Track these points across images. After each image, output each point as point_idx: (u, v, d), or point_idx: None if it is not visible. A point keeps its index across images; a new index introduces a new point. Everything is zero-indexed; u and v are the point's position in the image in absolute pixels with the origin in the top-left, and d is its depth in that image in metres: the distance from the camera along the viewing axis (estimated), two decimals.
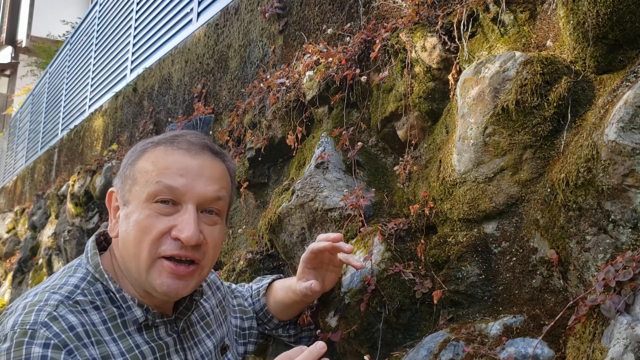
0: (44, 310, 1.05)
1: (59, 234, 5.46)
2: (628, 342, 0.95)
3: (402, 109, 1.75)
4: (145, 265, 1.13)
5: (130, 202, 1.16)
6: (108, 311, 1.13)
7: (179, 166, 1.14)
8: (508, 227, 1.41)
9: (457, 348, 1.24)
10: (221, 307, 1.44)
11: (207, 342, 1.32)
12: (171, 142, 1.18)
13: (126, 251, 1.15)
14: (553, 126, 1.34)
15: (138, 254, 1.13)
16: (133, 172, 1.17)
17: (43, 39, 13.65)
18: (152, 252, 1.12)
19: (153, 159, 1.16)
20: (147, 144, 1.20)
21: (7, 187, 9.93)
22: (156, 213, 1.12)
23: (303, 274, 1.49)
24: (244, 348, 1.53)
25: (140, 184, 1.15)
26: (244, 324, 1.55)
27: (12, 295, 7.00)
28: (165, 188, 1.12)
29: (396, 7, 1.98)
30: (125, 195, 1.17)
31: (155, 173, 1.13)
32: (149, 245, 1.12)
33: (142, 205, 1.13)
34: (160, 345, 1.18)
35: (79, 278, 1.15)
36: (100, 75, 6.00)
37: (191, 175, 1.14)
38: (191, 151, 1.17)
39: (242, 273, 2.10)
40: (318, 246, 1.45)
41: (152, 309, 1.18)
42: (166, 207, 1.13)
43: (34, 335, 1.01)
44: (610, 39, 1.25)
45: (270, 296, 1.60)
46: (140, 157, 1.18)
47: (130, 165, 1.19)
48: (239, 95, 3.01)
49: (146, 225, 1.12)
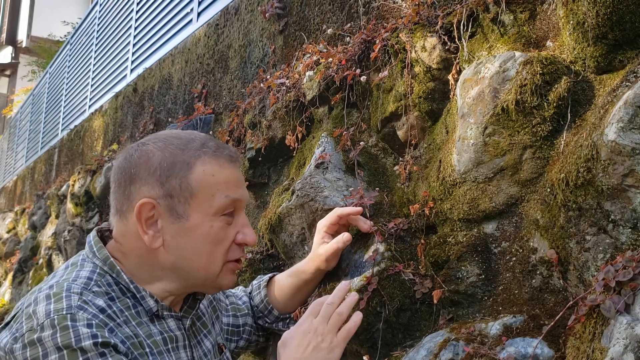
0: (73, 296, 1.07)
1: (59, 234, 5.46)
2: (628, 342, 0.95)
3: (402, 109, 1.76)
4: (218, 271, 1.21)
5: (190, 214, 1.17)
6: (122, 302, 1.15)
7: (235, 179, 1.22)
8: (508, 227, 1.42)
9: (457, 348, 1.24)
10: (212, 307, 1.46)
11: (205, 342, 1.33)
12: (216, 154, 1.21)
13: (189, 262, 1.19)
14: (553, 126, 1.34)
15: (211, 262, 1.20)
16: (188, 185, 1.17)
17: (43, 39, 13.65)
18: (224, 259, 1.22)
19: (210, 171, 1.18)
20: (188, 156, 1.19)
21: (7, 187, 9.93)
22: (225, 224, 1.20)
23: (324, 239, 1.57)
24: (235, 344, 1.55)
25: (203, 197, 1.18)
26: (238, 321, 1.56)
27: (12, 295, 7.01)
28: (232, 202, 1.20)
29: (396, 7, 1.98)
30: (179, 208, 1.17)
31: (221, 187, 1.19)
32: (222, 254, 1.21)
33: (212, 218, 1.19)
34: (172, 337, 1.21)
35: (89, 271, 1.16)
36: (100, 75, 6.00)
37: (242, 185, 1.25)
38: (235, 162, 1.25)
39: (242, 273, 2.10)
40: (345, 210, 1.56)
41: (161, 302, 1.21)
42: (230, 218, 1.21)
43: (74, 318, 1.02)
44: (610, 39, 1.25)
45: (274, 287, 1.61)
46: (192, 170, 1.18)
47: (178, 177, 1.17)
48: (239, 95, 3.01)
49: (220, 238, 1.20)
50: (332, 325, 1.20)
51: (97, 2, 6.48)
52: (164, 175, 1.17)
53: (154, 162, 1.17)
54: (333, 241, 1.54)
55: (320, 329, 1.19)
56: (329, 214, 1.58)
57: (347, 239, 1.53)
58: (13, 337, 1.02)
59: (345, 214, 1.55)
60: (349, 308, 1.22)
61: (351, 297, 1.24)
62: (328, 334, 1.19)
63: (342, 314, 1.21)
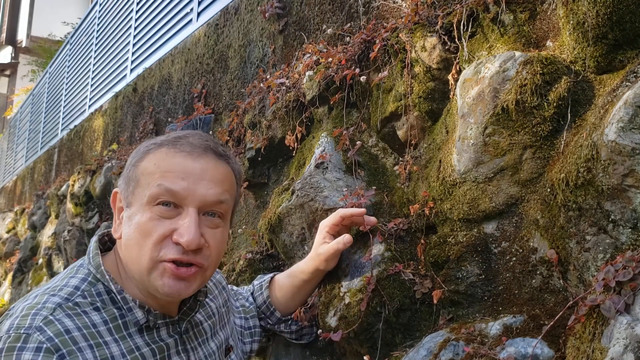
0: (41, 313, 1.05)
1: (59, 234, 5.46)
2: (628, 342, 0.95)
3: (402, 109, 1.76)
4: (147, 267, 1.13)
5: (133, 204, 1.15)
6: (109, 312, 1.13)
7: (180, 169, 1.13)
8: (508, 227, 1.42)
9: (457, 348, 1.24)
10: (226, 308, 1.44)
11: (210, 343, 1.31)
12: (174, 144, 1.17)
13: (128, 253, 1.15)
14: (553, 126, 1.34)
15: (139, 256, 1.13)
16: (136, 174, 1.17)
17: (43, 39, 13.64)
18: (154, 255, 1.12)
19: (155, 160, 1.16)
20: (150, 145, 1.19)
21: (7, 187, 9.93)
22: (158, 216, 1.12)
23: (325, 239, 1.55)
24: (249, 347, 1.54)
25: (142, 186, 1.14)
26: (249, 323, 1.56)
27: (12, 295, 7.00)
28: (166, 191, 1.12)
29: (396, 7, 1.98)
30: (129, 197, 1.17)
31: (157, 175, 1.13)
32: (150, 249, 1.12)
33: (144, 207, 1.13)
34: (161, 347, 1.18)
35: (80, 279, 1.15)
36: (100, 75, 6.00)
37: (193, 178, 1.14)
38: (193, 154, 1.16)
39: (242, 273, 2.10)
40: (349, 211, 1.54)
41: (155, 310, 1.18)
42: (167, 210, 1.13)
43: (27, 339, 1.01)
44: (610, 39, 1.25)
45: (275, 288, 1.60)
46: (143, 159, 1.18)
47: (133, 166, 1.18)
48: (239, 95, 3.01)
49: (148, 229, 1.12)
50: None
51: (97, 2, 6.48)
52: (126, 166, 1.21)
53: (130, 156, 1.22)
54: (333, 242, 1.53)
55: None
56: (332, 214, 1.57)
57: (348, 241, 1.52)
58: None
59: (348, 214, 1.54)
60: None
61: None
62: None
63: None
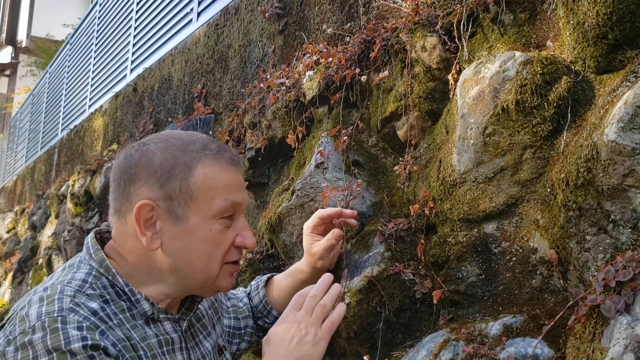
0: (65, 299, 1.06)
1: (59, 234, 5.46)
2: (628, 342, 0.95)
3: (402, 109, 1.76)
4: (216, 274, 1.20)
5: (189, 217, 1.17)
6: (117, 305, 1.15)
7: (235, 182, 1.22)
8: (508, 227, 1.42)
9: (457, 348, 1.24)
10: (213, 309, 1.45)
11: (205, 343, 1.33)
12: (219, 156, 1.21)
13: (187, 264, 1.19)
14: (553, 126, 1.34)
15: (209, 265, 1.20)
16: (188, 188, 1.17)
17: (43, 39, 13.64)
18: (223, 261, 1.21)
19: (210, 174, 1.18)
20: (192, 157, 1.19)
21: (7, 187, 9.93)
22: (224, 227, 1.19)
23: (312, 239, 1.58)
24: (237, 347, 1.55)
25: (203, 200, 1.17)
26: (239, 324, 1.56)
27: (12, 295, 7.01)
28: (232, 205, 1.19)
29: (396, 7, 1.98)
30: (179, 210, 1.17)
31: (221, 190, 1.18)
32: (221, 257, 1.20)
33: (211, 221, 1.18)
34: (167, 340, 1.20)
35: (85, 273, 1.16)
36: (100, 75, 6.00)
37: (243, 188, 1.24)
38: (236, 165, 1.24)
39: (242, 273, 2.10)
40: (325, 212, 1.56)
41: (157, 304, 1.20)
42: (229, 221, 1.21)
43: (65, 320, 1.02)
44: (610, 39, 1.25)
45: (272, 288, 1.61)
46: (192, 172, 1.17)
47: (178, 179, 1.17)
48: (239, 95, 3.01)
49: (219, 240, 1.19)
50: (315, 317, 1.17)
51: (96, 2, 6.48)
52: (164, 177, 1.16)
53: (155, 163, 1.17)
54: (325, 238, 1.55)
55: (303, 322, 1.17)
56: (312, 216, 1.60)
57: (339, 235, 1.54)
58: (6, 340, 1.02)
59: (325, 215, 1.57)
60: (332, 299, 1.19)
61: (334, 288, 1.21)
62: (312, 326, 1.16)
63: (325, 305, 1.18)
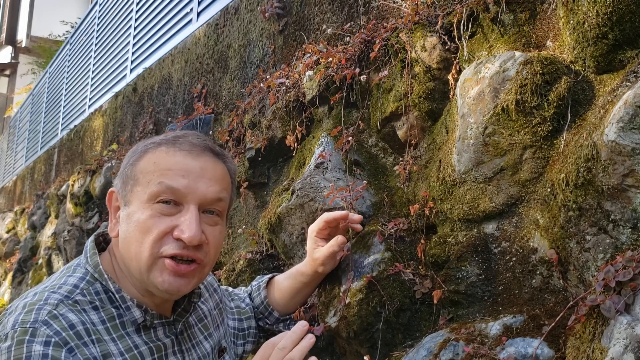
0: (44, 308, 1.05)
1: (58, 234, 5.46)
2: (628, 342, 0.95)
3: (402, 109, 1.75)
4: (147, 264, 1.14)
5: (132, 202, 1.16)
6: (107, 311, 1.13)
7: (180, 167, 1.15)
8: (508, 227, 1.42)
9: (457, 348, 1.24)
10: (218, 310, 1.44)
11: (204, 344, 1.32)
12: (173, 143, 1.18)
13: (127, 251, 1.16)
14: (553, 126, 1.34)
15: (139, 253, 1.14)
16: (134, 173, 1.17)
17: (43, 39, 13.63)
18: (154, 251, 1.13)
19: (155, 159, 1.17)
20: (148, 145, 1.20)
21: (7, 187, 9.93)
22: (158, 213, 1.14)
23: (316, 244, 1.56)
24: (242, 348, 1.54)
25: (142, 184, 1.15)
26: (243, 325, 1.55)
27: (12, 295, 7.00)
28: (167, 189, 1.13)
29: (396, 7, 1.98)
30: (127, 195, 1.18)
31: (157, 174, 1.14)
32: (150, 245, 1.13)
33: (144, 205, 1.14)
34: (159, 346, 1.18)
35: (78, 278, 1.15)
36: (100, 75, 6.00)
37: (193, 176, 1.16)
38: (193, 152, 1.18)
39: (242, 273, 2.10)
40: (332, 215, 1.54)
41: (151, 310, 1.18)
42: (168, 208, 1.14)
43: (34, 333, 1.01)
44: (610, 39, 1.25)
45: (273, 289, 1.60)
46: (142, 158, 1.18)
47: (131, 165, 1.19)
48: (238, 95, 3.01)
49: (148, 226, 1.13)
50: None
51: (96, 2, 6.48)
52: (123, 166, 1.21)
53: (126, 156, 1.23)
54: (327, 245, 1.53)
55: None
56: (317, 219, 1.57)
57: (342, 242, 1.52)
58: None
59: (331, 218, 1.54)
60: (302, 354, 1.07)
61: (306, 340, 1.09)
62: None
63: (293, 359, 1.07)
